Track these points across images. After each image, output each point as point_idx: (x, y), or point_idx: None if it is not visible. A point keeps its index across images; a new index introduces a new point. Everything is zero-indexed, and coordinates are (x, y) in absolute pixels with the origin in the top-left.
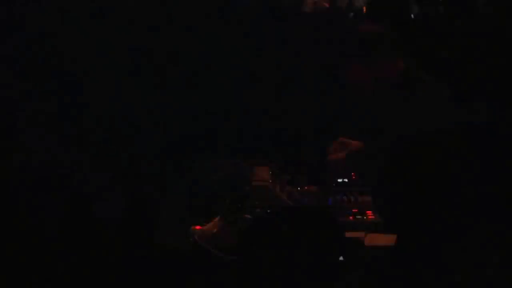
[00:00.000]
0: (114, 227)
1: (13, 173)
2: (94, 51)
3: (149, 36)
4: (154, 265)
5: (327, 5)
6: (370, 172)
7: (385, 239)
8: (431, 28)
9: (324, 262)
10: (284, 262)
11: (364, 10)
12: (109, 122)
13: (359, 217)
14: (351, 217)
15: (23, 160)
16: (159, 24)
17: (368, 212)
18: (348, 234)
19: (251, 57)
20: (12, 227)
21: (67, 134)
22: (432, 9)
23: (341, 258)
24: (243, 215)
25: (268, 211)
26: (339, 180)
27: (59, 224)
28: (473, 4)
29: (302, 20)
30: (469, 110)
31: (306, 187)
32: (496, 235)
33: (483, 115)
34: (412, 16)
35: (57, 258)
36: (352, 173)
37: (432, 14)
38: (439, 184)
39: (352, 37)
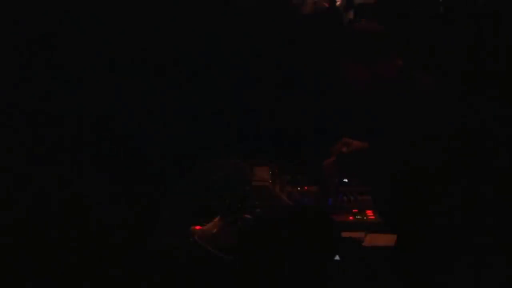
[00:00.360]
0: (114, 227)
1: (12, 173)
2: (94, 51)
3: (149, 36)
4: (154, 265)
5: (327, 5)
6: (369, 172)
7: (385, 239)
8: (431, 28)
9: (324, 262)
10: (283, 262)
11: (364, 10)
12: (109, 122)
13: (359, 217)
14: (351, 217)
15: (23, 160)
16: (159, 24)
17: (368, 212)
18: (348, 234)
19: (251, 57)
20: (12, 228)
21: (66, 134)
22: (432, 9)
23: (336, 257)
24: (243, 215)
25: (267, 211)
26: (339, 180)
27: (59, 225)
28: (473, 5)
29: (302, 20)
30: (469, 110)
31: (306, 187)
32: (496, 235)
33: (483, 115)
34: (412, 15)
35: (57, 259)
36: (352, 173)
37: (432, 14)
38: (439, 184)
39: (352, 37)
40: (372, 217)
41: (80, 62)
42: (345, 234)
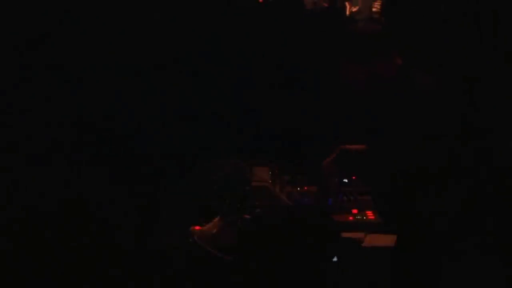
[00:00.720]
0: (114, 227)
1: (12, 173)
2: (95, 51)
3: (150, 36)
4: (154, 265)
5: (326, 5)
6: (369, 172)
7: (385, 240)
8: (430, 27)
9: (324, 262)
10: (283, 262)
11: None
12: (110, 122)
13: (359, 217)
14: (351, 218)
15: (23, 160)
16: (160, 24)
17: (368, 212)
18: (348, 234)
19: (251, 57)
20: (11, 228)
21: (66, 134)
22: (433, 8)
23: (335, 259)
24: (243, 215)
25: (267, 211)
26: (339, 180)
27: (59, 225)
28: (472, 5)
29: (302, 20)
30: (469, 109)
31: (306, 187)
32: (496, 235)
33: (483, 114)
34: (412, 15)
35: (57, 259)
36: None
37: (431, 14)
38: (439, 184)
39: (350, 37)
40: (372, 217)
41: (80, 62)
42: (345, 234)
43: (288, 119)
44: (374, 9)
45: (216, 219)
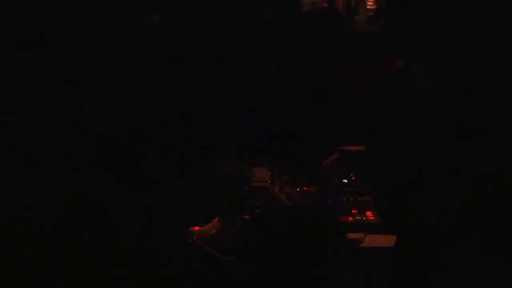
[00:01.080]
0: (113, 227)
1: (12, 173)
2: (95, 51)
3: (150, 36)
4: (153, 266)
5: (325, 5)
6: (369, 172)
7: (385, 240)
8: (430, 27)
9: (323, 262)
10: (283, 263)
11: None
12: (109, 122)
13: (358, 218)
14: (350, 218)
15: (23, 160)
16: (160, 24)
17: (368, 212)
18: (348, 235)
19: (252, 57)
20: (11, 228)
21: (67, 134)
22: (431, 8)
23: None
24: (242, 215)
25: (267, 211)
26: (339, 181)
27: (58, 225)
28: (473, 4)
29: (301, 20)
30: (469, 110)
31: (305, 188)
32: (496, 235)
33: (483, 115)
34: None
35: (56, 259)
36: (352, 174)
37: (431, 14)
38: (439, 184)
39: (350, 37)
40: (372, 218)
41: (80, 62)
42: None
43: (288, 119)
44: (368, 6)
45: (216, 220)
